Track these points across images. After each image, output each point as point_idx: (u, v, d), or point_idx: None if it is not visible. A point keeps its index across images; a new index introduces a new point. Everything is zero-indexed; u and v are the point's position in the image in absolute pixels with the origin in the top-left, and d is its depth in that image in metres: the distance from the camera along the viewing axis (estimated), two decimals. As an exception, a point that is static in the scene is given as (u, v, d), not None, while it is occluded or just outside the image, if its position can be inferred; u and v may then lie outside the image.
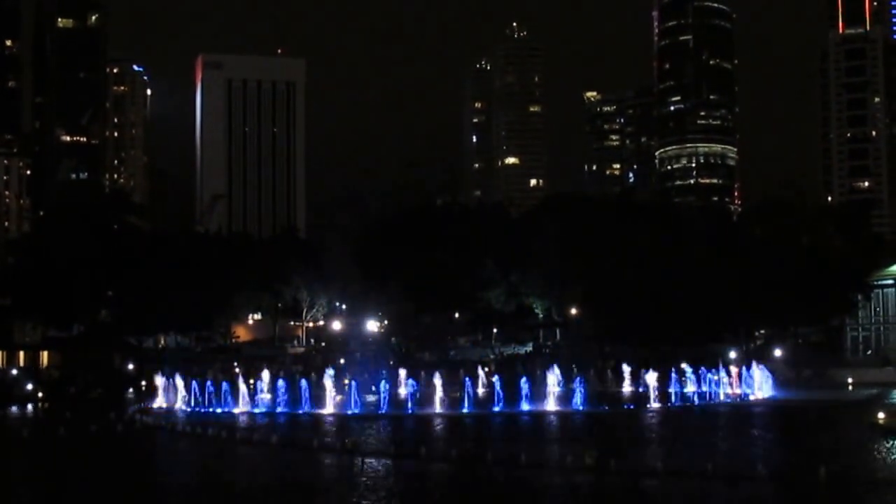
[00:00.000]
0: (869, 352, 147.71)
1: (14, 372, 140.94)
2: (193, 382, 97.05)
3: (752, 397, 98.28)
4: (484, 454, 52.69)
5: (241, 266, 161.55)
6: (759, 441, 65.56)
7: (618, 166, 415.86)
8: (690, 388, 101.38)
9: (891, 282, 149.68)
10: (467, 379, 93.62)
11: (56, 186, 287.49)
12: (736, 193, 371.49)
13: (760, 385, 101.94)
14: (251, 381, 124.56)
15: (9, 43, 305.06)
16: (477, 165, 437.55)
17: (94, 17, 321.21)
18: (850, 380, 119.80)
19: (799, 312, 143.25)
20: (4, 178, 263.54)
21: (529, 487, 46.82)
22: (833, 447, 59.87)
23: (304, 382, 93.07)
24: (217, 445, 65.01)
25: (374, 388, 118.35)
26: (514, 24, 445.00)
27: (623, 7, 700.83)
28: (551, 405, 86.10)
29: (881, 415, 68.59)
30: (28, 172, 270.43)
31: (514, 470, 49.77)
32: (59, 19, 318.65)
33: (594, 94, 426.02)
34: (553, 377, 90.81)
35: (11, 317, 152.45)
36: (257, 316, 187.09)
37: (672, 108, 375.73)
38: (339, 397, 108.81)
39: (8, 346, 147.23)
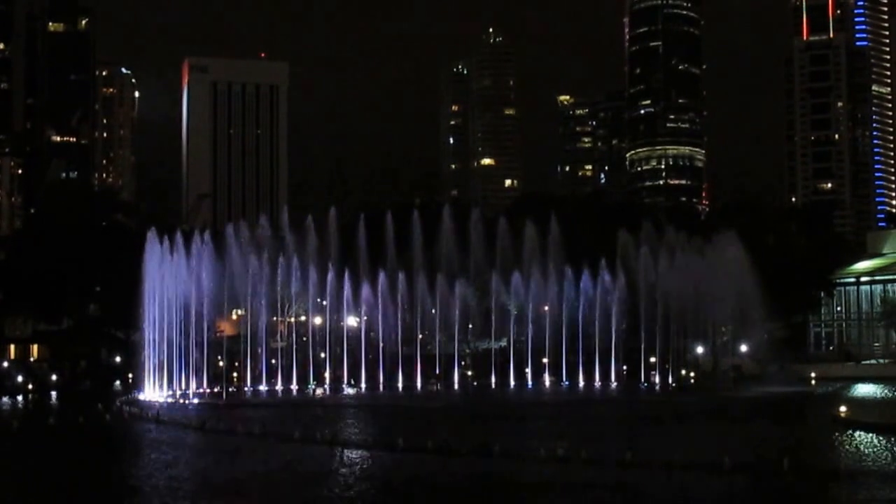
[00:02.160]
0: (831, 348, 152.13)
1: (5, 364, 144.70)
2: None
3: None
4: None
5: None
6: (726, 433, 66.66)
7: (590, 167, 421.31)
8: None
9: (852, 280, 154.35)
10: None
11: (46, 185, 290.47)
12: (704, 194, 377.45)
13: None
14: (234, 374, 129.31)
15: (1, 46, 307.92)
16: (454, 166, 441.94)
17: (83, 22, 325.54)
18: (813, 375, 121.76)
19: (764, 309, 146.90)
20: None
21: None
22: (796, 439, 61.36)
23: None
24: (203, 435, 65.94)
25: (352, 381, 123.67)
26: (490, 29, 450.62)
27: (595, 14, 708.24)
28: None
29: (842, 408, 69.79)
30: (19, 171, 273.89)
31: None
32: (50, 23, 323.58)
33: (567, 97, 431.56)
34: None
35: (2, 311, 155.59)
36: (240, 311, 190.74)
37: (642, 111, 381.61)
38: (319, 391, 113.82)
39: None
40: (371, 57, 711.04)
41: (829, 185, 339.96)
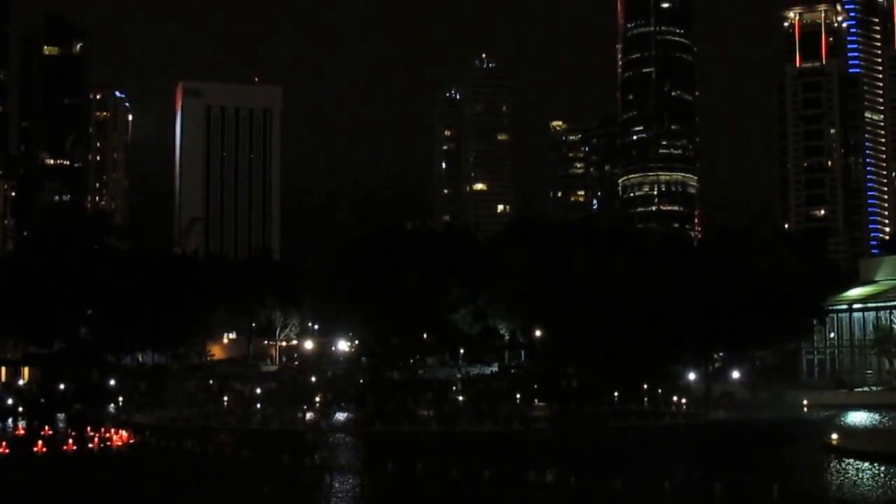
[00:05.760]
0: (824, 375, 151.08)
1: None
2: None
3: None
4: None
5: (217, 286, 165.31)
6: (717, 459, 67.11)
7: (582, 193, 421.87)
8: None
9: (845, 307, 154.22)
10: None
11: (40, 208, 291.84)
12: (696, 220, 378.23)
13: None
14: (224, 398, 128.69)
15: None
16: (446, 191, 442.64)
17: (78, 46, 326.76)
18: (805, 402, 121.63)
19: (757, 336, 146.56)
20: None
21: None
22: (787, 467, 61.69)
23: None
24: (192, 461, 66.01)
25: (343, 405, 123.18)
26: (483, 55, 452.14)
27: (588, 40, 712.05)
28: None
29: (834, 436, 70.27)
30: (13, 194, 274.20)
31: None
32: (46, 47, 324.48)
33: (560, 123, 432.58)
34: None
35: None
36: (232, 335, 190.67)
37: (635, 137, 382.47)
38: (310, 415, 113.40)
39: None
40: (364, 82, 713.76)
41: (822, 211, 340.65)
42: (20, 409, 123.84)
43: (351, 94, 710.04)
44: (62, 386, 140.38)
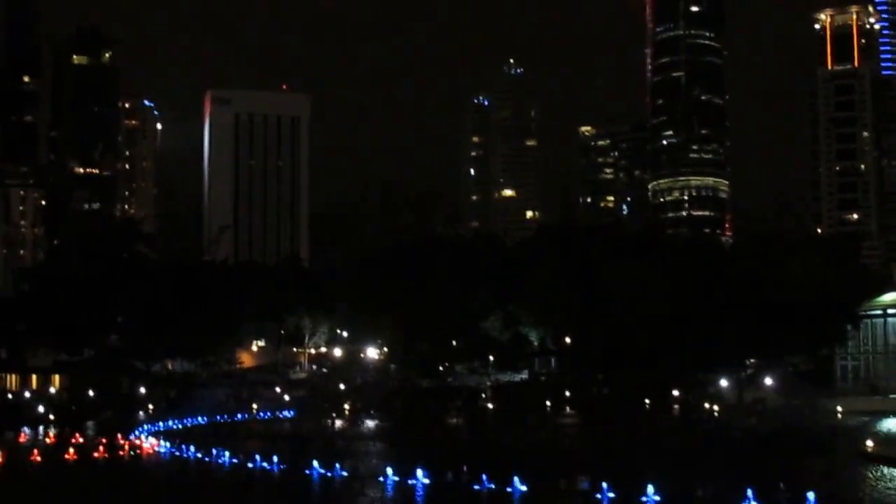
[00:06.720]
0: (858, 381, 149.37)
1: (26, 395, 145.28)
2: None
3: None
4: None
5: (246, 294, 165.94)
6: (750, 467, 66.11)
7: (611, 199, 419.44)
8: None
9: (879, 312, 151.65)
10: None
11: (69, 216, 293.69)
12: (727, 225, 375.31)
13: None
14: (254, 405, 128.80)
15: (27, 80, 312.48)
16: (475, 197, 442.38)
17: (107, 55, 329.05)
18: (839, 409, 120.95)
19: (790, 342, 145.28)
20: (20, 208, 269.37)
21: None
22: (822, 475, 60.92)
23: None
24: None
25: (371, 413, 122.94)
26: (511, 60, 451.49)
27: (617, 44, 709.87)
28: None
29: (869, 443, 69.95)
30: (43, 203, 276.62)
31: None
32: (75, 56, 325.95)
33: (588, 128, 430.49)
34: None
35: (24, 341, 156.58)
36: (261, 342, 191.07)
37: (665, 142, 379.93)
38: (339, 422, 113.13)
39: (21, 369, 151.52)
40: (392, 89, 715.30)
41: (855, 215, 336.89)
42: (51, 416, 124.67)
43: (378, 102, 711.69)
44: (92, 393, 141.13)
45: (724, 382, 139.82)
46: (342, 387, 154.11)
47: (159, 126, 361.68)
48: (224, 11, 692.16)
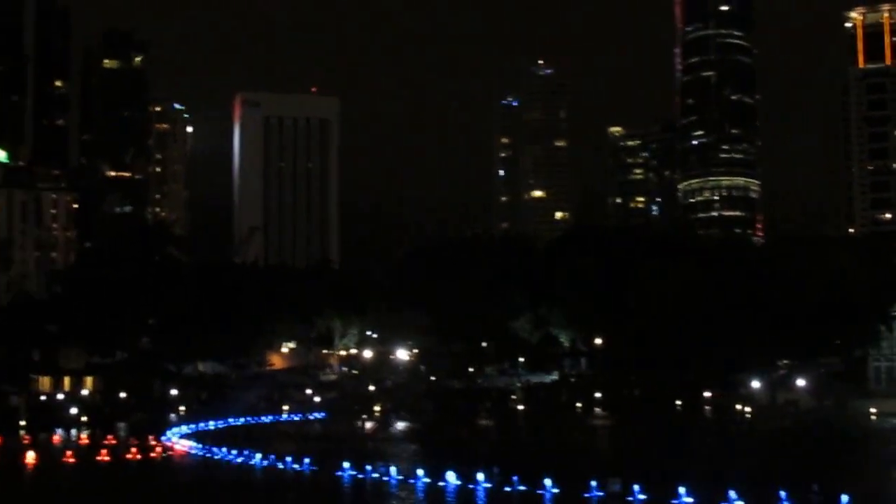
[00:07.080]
0: (892, 382, 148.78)
1: (59, 396, 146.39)
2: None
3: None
4: None
5: (276, 296, 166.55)
6: (782, 469, 66.08)
7: (642, 199, 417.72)
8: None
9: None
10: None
11: (101, 219, 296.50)
12: (758, 226, 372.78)
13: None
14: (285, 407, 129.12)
15: (58, 83, 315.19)
16: (504, 198, 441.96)
17: (137, 59, 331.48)
18: (872, 410, 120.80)
19: (822, 343, 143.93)
20: (52, 211, 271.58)
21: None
22: (856, 476, 61.15)
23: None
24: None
25: (402, 414, 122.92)
26: (540, 61, 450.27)
27: (647, 44, 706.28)
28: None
29: None
30: (74, 206, 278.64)
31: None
32: (105, 60, 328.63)
33: (618, 128, 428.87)
34: None
35: (57, 344, 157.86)
36: (291, 344, 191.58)
37: (695, 142, 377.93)
38: (370, 424, 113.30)
39: (54, 371, 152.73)
40: (421, 90, 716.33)
41: (889, 215, 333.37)
42: (83, 418, 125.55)
43: (408, 104, 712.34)
44: (124, 395, 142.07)
45: (756, 384, 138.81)
46: (372, 388, 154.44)
47: (189, 129, 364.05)
48: (253, 14, 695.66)
